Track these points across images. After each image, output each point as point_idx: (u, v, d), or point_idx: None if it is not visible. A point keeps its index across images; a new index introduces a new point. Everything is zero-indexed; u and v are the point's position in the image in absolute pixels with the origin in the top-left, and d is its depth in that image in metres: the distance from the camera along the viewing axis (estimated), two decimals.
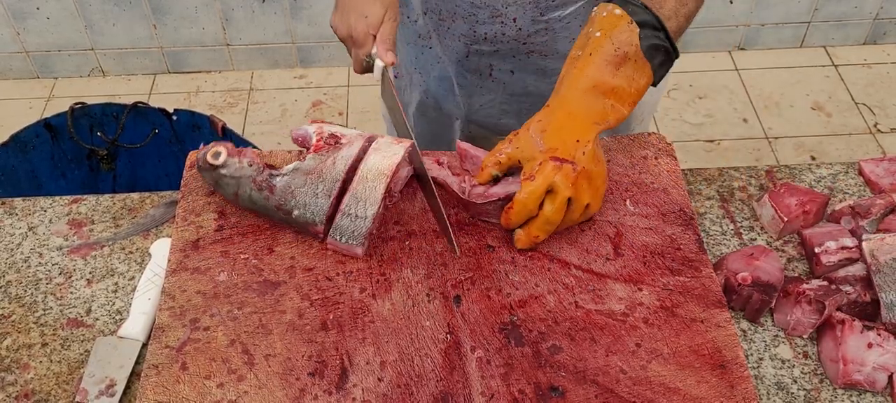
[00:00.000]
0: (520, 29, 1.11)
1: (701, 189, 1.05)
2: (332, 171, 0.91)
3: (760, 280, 0.89)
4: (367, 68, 1.00)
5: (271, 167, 0.93)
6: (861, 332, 0.84)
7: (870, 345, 0.84)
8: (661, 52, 0.89)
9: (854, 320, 0.85)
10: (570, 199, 0.87)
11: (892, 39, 2.76)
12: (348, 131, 0.94)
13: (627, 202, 0.96)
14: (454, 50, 1.17)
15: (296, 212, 0.90)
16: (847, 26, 2.70)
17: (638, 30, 0.87)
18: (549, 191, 0.87)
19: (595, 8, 0.91)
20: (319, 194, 0.90)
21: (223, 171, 0.92)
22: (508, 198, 0.89)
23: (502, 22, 1.10)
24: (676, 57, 0.92)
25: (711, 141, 2.45)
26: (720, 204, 1.03)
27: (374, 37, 0.97)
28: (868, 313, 0.88)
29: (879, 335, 0.84)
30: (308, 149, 0.93)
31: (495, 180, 0.92)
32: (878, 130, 2.49)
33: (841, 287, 0.89)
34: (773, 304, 0.90)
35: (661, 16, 0.89)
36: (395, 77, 1.32)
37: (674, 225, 0.94)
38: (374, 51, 0.97)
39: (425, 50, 1.21)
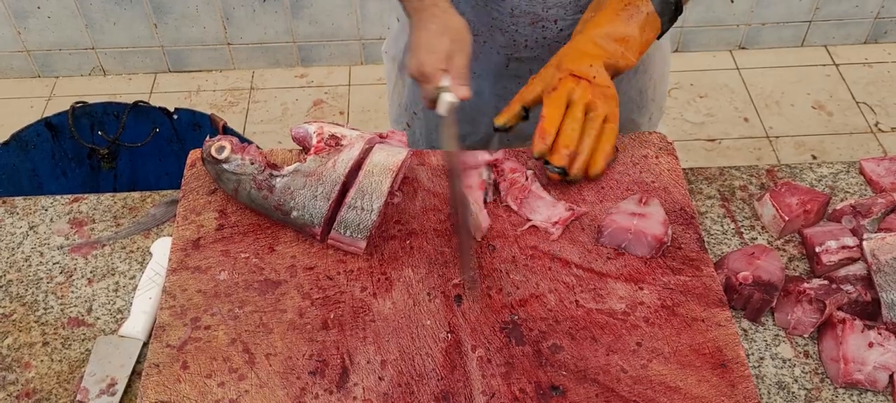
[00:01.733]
0: (560, 30, 1.11)
1: (702, 188, 1.05)
2: (331, 174, 0.91)
3: (761, 279, 0.89)
4: (433, 104, 0.97)
5: (273, 166, 0.93)
6: (862, 331, 0.84)
7: (870, 345, 0.84)
8: (670, 6, 0.99)
9: (855, 319, 0.85)
10: (588, 109, 0.94)
11: (892, 38, 2.75)
12: (349, 132, 0.94)
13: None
14: (492, 62, 1.16)
15: (294, 213, 0.90)
16: (848, 25, 2.70)
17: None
18: (569, 105, 0.94)
19: None
20: (318, 196, 0.90)
21: (225, 167, 0.92)
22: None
23: (543, 26, 1.10)
24: (680, 13, 1.01)
25: (712, 140, 2.45)
26: (721, 204, 1.03)
27: (444, 71, 0.95)
28: (869, 312, 0.88)
29: (880, 334, 0.84)
30: (308, 150, 0.93)
31: (525, 115, 0.98)
32: (879, 129, 2.48)
33: (841, 286, 0.89)
34: (773, 304, 0.90)
35: None
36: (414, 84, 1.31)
37: (675, 224, 0.94)
38: (443, 83, 0.95)
39: None
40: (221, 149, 0.93)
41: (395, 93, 1.38)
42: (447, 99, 0.94)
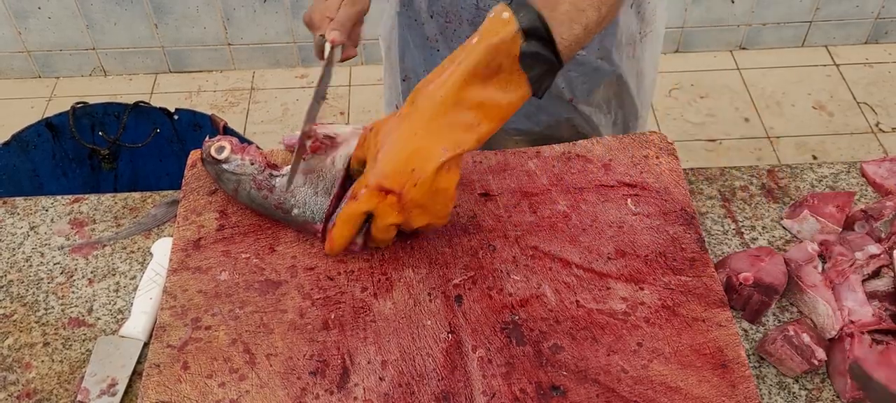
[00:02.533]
0: None
1: (702, 188, 1.05)
2: (331, 170, 0.91)
3: (762, 281, 0.89)
4: (321, 51, 1.00)
5: (273, 166, 0.93)
6: (870, 346, 0.83)
7: None
8: (541, 62, 0.79)
9: (863, 333, 0.84)
10: (399, 224, 0.82)
11: (893, 39, 2.75)
12: (342, 128, 0.94)
13: (629, 201, 0.96)
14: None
15: (295, 211, 0.90)
16: (848, 25, 2.70)
17: (521, 41, 0.77)
18: (374, 216, 0.82)
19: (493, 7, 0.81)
20: (319, 192, 0.90)
21: (225, 167, 0.92)
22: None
23: None
24: (561, 66, 0.82)
25: (713, 140, 2.45)
26: (722, 204, 1.03)
27: (331, 20, 0.97)
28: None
29: (889, 348, 0.83)
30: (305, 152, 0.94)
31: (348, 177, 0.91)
32: (880, 130, 2.48)
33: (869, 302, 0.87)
34: (772, 306, 0.89)
35: (553, 20, 0.79)
36: (404, 81, 1.31)
37: (675, 225, 0.94)
38: (328, 33, 0.97)
39: (433, 53, 1.21)
40: (221, 149, 0.93)
41: (386, 77, 1.39)
42: (328, 46, 0.97)
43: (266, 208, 0.92)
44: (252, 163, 0.92)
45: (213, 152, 0.93)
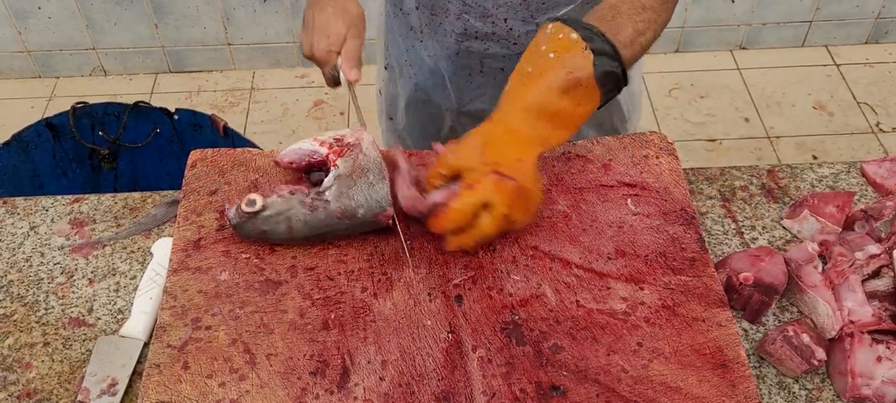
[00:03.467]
0: (510, 29, 1.11)
1: (702, 188, 1.05)
2: (369, 160, 0.90)
3: (762, 281, 0.89)
4: (336, 82, 1.00)
5: (310, 186, 0.91)
6: (870, 345, 0.83)
7: (879, 359, 0.83)
8: (612, 79, 0.85)
9: (863, 333, 0.84)
10: (505, 216, 0.85)
11: (893, 38, 2.75)
12: (342, 130, 0.94)
13: (629, 201, 0.96)
14: (445, 45, 1.17)
15: (361, 212, 0.88)
16: (849, 25, 2.70)
17: (592, 57, 0.84)
18: (486, 205, 0.84)
19: (549, 24, 0.87)
20: (374, 182, 0.89)
21: (267, 214, 0.88)
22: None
23: (493, 22, 1.11)
24: (626, 85, 0.88)
25: (713, 140, 2.45)
26: (722, 204, 1.03)
27: (338, 54, 0.97)
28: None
29: (888, 348, 0.83)
30: (325, 164, 0.92)
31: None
32: (880, 130, 2.48)
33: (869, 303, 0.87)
34: (772, 306, 0.89)
35: (618, 43, 0.86)
36: (386, 68, 1.32)
37: (675, 225, 0.94)
38: (338, 63, 0.97)
39: (416, 43, 1.21)
40: (252, 202, 0.88)
41: (378, 84, 1.40)
42: (345, 80, 0.98)
43: (328, 225, 0.89)
44: (292, 193, 0.89)
45: (245, 209, 0.88)
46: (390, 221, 0.90)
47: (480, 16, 1.10)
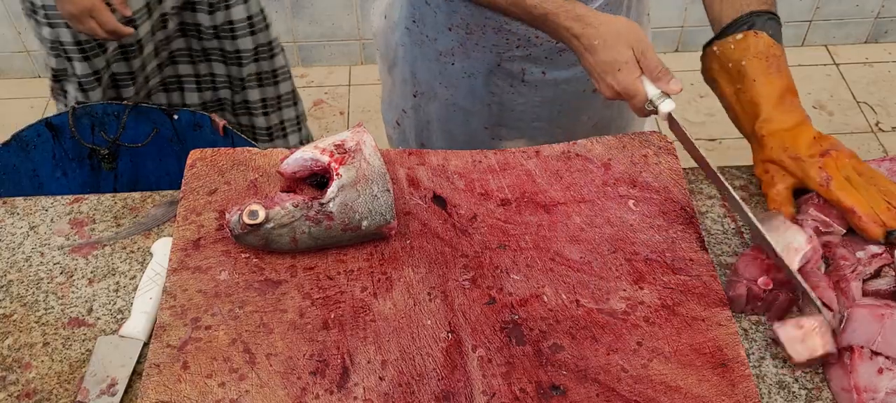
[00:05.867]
0: None
1: (702, 188, 1.05)
2: (373, 169, 0.89)
3: (782, 279, 0.88)
4: (649, 112, 0.97)
5: (312, 197, 0.90)
6: (870, 359, 0.83)
7: (880, 371, 0.82)
8: (779, 30, 1.00)
9: (862, 347, 0.84)
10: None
11: (893, 38, 2.75)
12: (341, 134, 0.94)
13: (629, 201, 0.96)
14: (484, 61, 1.15)
15: (365, 223, 0.88)
16: (848, 25, 2.70)
17: (771, 38, 0.98)
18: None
19: (751, 37, 0.99)
20: (378, 194, 0.88)
21: (270, 226, 0.88)
22: None
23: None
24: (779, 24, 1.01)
25: (713, 139, 2.45)
26: (721, 204, 1.03)
27: (640, 77, 0.96)
28: None
29: (888, 359, 0.83)
30: (327, 172, 0.92)
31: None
32: (880, 129, 2.48)
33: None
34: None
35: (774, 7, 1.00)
36: (414, 96, 1.29)
37: (675, 224, 0.94)
38: (649, 90, 0.96)
39: (447, 66, 1.20)
40: (253, 213, 0.87)
41: (385, 92, 1.38)
42: (666, 108, 0.93)
43: (332, 237, 0.89)
44: (295, 206, 0.88)
45: (246, 220, 0.87)
46: (393, 233, 0.89)
47: (522, 24, 1.09)
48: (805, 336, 0.84)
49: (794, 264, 0.88)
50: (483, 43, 1.13)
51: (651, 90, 0.95)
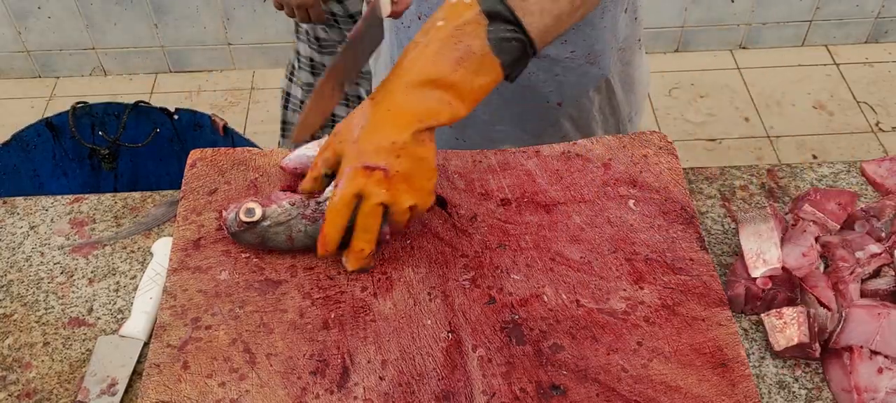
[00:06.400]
0: None
1: (702, 188, 1.05)
2: None
3: (780, 277, 0.88)
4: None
5: (310, 196, 0.89)
6: (870, 358, 0.83)
7: (880, 371, 0.82)
8: (514, 47, 0.80)
9: (861, 347, 0.83)
10: (386, 204, 0.81)
11: (893, 38, 2.75)
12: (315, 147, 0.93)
13: (629, 201, 0.96)
14: None
15: None
16: (848, 25, 2.70)
17: (486, 23, 0.79)
18: (363, 198, 0.81)
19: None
20: None
21: (266, 224, 0.87)
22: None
23: None
24: (534, 54, 0.83)
25: (713, 139, 2.45)
26: (721, 203, 1.03)
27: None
28: None
29: (887, 358, 0.83)
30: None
31: (328, 179, 0.86)
32: (880, 129, 2.48)
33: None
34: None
35: (523, 9, 0.80)
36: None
37: (675, 224, 0.94)
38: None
39: None
40: (250, 211, 0.87)
41: (374, 82, 1.38)
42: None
43: None
44: (292, 204, 0.88)
45: (243, 217, 0.86)
46: (388, 238, 0.89)
47: None
48: (784, 326, 0.85)
49: (755, 272, 0.88)
50: None
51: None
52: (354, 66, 0.91)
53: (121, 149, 1.69)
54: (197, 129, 1.70)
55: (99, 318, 0.92)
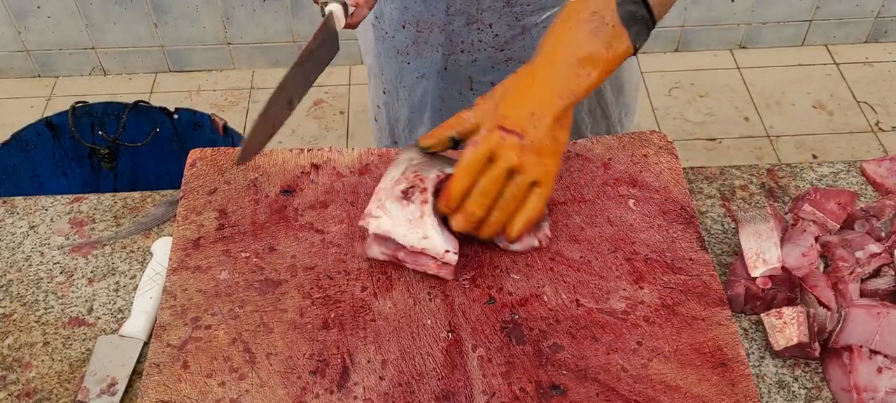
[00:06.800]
0: (496, 35, 1.09)
1: (702, 187, 1.05)
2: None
3: (780, 277, 0.88)
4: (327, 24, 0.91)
5: (426, 152, 0.87)
6: (869, 357, 0.83)
7: (879, 370, 0.82)
8: (638, 20, 0.85)
9: (861, 347, 0.83)
10: (512, 171, 0.82)
11: (893, 38, 2.75)
12: (392, 173, 0.90)
13: (629, 200, 0.96)
14: (433, 62, 1.14)
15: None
16: (848, 24, 2.70)
17: (616, 3, 0.84)
18: (491, 161, 0.82)
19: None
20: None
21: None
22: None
23: (479, 28, 1.09)
24: (654, 26, 0.88)
25: (713, 139, 2.45)
26: (721, 203, 1.03)
27: None
28: None
29: (887, 357, 0.83)
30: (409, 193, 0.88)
31: (454, 144, 0.86)
32: (880, 129, 2.48)
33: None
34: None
35: None
36: (384, 93, 1.29)
37: (675, 224, 0.94)
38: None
39: (404, 66, 1.19)
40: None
41: (370, 86, 1.38)
42: (330, 8, 0.89)
43: None
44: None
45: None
46: (544, 243, 0.87)
47: (465, 24, 1.09)
48: (784, 326, 0.85)
49: (754, 272, 0.88)
50: (431, 41, 1.12)
51: None
52: (305, 83, 0.92)
53: (120, 149, 1.69)
54: (197, 129, 1.70)
55: (99, 318, 0.92)
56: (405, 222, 0.85)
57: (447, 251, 0.84)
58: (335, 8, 0.88)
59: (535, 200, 0.84)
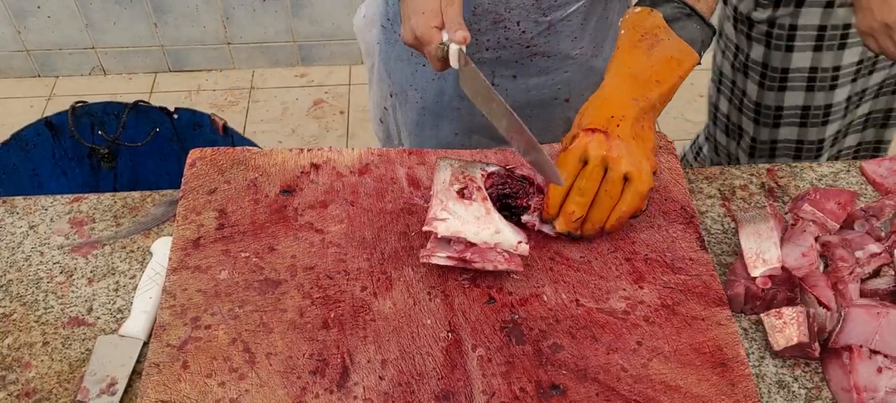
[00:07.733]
0: (523, 32, 1.10)
1: (702, 187, 1.05)
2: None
3: (779, 277, 0.88)
4: (444, 62, 0.94)
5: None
6: (869, 357, 0.83)
7: (879, 370, 0.82)
8: (695, 27, 0.92)
9: (861, 346, 0.83)
10: (606, 167, 0.86)
11: None
12: (435, 186, 0.91)
13: None
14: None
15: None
16: None
17: (660, 13, 0.91)
18: (585, 163, 0.87)
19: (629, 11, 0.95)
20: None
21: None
22: None
23: (506, 27, 1.09)
24: (714, 33, 0.95)
25: None
26: (721, 203, 1.03)
27: (440, 28, 0.92)
28: None
29: (886, 357, 0.83)
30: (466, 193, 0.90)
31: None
32: None
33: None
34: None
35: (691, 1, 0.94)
36: (391, 96, 1.29)
37: (675, 224, 0.94)
38: (444, 39, 0.92)
39: (419, 68, 1.19)
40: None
41: (370, 89, 1.38)
42: (454, 49, 0.91)
43: None
44: None
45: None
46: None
47: (492, 23, 1.09)
48: (784, 326, 0.85)
49: (754, 272, 0.88)
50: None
51: (445, 38, 0.93)
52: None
53: (120, 149, 1.69)
54: (196, 129, 1.70)
55: (98, 318, 0.91)
56: (473, 220, 0.87)
57: (520, 242, 0.86)
58: (454, 49, 0.92)
59: (629, 196, 0.87)
